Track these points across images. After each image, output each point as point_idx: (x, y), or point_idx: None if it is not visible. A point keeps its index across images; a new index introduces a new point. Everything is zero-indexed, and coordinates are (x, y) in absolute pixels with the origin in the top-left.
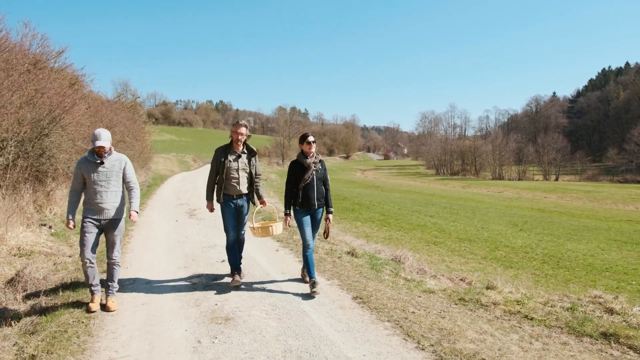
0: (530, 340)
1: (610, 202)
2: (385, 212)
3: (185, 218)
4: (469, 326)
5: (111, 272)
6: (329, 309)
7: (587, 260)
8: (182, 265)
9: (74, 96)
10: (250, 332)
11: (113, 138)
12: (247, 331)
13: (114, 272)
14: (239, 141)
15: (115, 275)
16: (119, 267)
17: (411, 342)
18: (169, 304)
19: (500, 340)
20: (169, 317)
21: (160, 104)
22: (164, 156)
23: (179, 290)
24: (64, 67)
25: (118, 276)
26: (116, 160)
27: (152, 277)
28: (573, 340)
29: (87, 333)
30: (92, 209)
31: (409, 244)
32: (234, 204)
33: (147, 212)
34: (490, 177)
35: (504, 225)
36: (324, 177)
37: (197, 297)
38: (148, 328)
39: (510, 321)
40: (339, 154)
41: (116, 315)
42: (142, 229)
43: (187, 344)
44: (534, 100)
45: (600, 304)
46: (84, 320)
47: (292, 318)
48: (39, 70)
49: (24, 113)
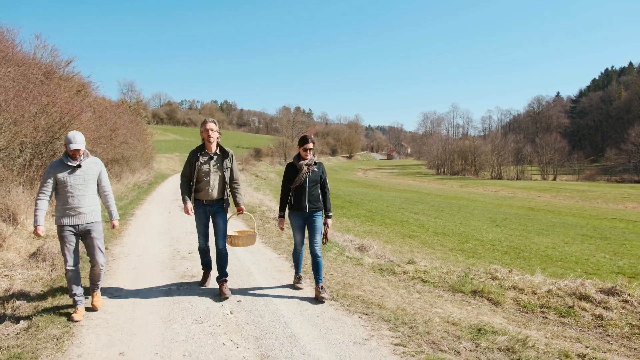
0: (413, 292)
1: (601, 201)
2: (373, 209)
3: (178, 211)
4: (370, 283)
5: (96, 275)
6: (271, 272)
7: (546, 252)
8: (167, 244)
9: (82, 104)
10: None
11: (116, 140)
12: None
13: (100, 274)
14: (210, 139)
15: (100, 276)
16: (104, 268)
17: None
18: (153, 269)
19: (387, 291)
20: (152, 275)
21: (165, 104)
22: (167, 156)
23: (162, 260)
24: (72, 76)
25: (102, 277)
26: (92, 163)
27: (143, 252)
28: (447, 294)
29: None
30: (68, 215)
31: (385, 236)
32: (205, 210)
33: (145, 205)
34: (489, 176)
35: (482, 222)
36: (319, 180)
37: (173, 264)
38: (136, 280)
39: (407, 282)
40: (342, 154)
41: (116, 273)
42: (139, 218)
43: (161, 290)
44: (536, 101)
45: (490, 274)
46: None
47: (243, 280)
48: (50, 80)
49: (39, 121)
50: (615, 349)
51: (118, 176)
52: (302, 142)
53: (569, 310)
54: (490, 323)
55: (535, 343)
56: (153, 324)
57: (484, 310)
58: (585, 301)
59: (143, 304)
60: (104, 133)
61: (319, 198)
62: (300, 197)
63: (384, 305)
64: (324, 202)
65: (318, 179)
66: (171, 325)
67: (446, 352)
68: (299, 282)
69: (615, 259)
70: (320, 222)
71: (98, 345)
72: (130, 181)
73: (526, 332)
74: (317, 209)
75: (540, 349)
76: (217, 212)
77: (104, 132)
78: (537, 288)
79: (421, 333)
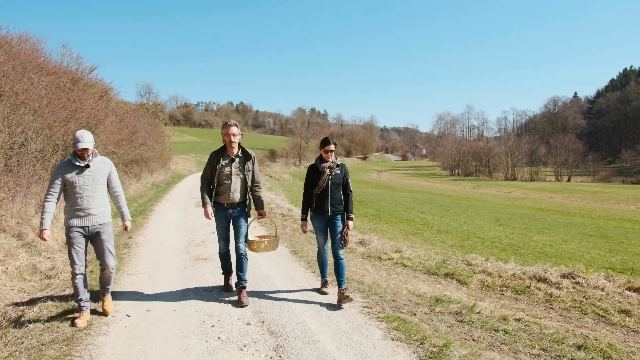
0: (392, 274)
1: (613, 202)
2: (381, 208)
3: (193, 207)
4: (355, 266)
5: (106, 278)
6: (270, 257)
7: (543, 249)
8: (183, 235)
9: (106, 110)
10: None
11: (136, 142)
12: (214, 265)
13: (110, 277)
14: (232, 143)
15: (110, 279)
16: (114, 272)
17: (310, 271)
18: (171, 253)
19: (368, 272)
20: (169, 259)
21: (182, 105)
22: (184, 157)
23: (179, 247)
24: (96, 82)
25: (113, 280)
26: (101, 163)
27: (163, 241)
28: (423, 275)
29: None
30: (77, 216)
31: (390, 234)
32: (225, 214)
33: (163, 203)
34: (503, 178)
35: (486, 221)
36: (342, 183)
37: (189, 250)
38: (157, 262)
39: (389, 266)
40: (356, 155)
41: (140, 257)
42: (159, 214)
43: (178, 268)
44: (552, 101)
45: (467, 261)
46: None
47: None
48: (76, 86)
49: (70, 125)
50: (551, 317)
51: (137, 176)
52: (323, 143)
53: (525, 289)
54: (450, 296)
55: (482, 310)
56: (172, 291)
57: (450, 288)
58: (542, 283)
59: (163, 278)
60: (125, 135)
61: (341, 201)
62: (323, 201)
63: (362, 281)
64: (346, 204)
65: (340, 181)
66: (186, 293)
67: (404, 314)
68: (325, 287)
69: (609, 256)
70: (342, 225)
71: (128, 305)
72: (148, 181)
73: (477, 302)
74: (339, 212)
75: (484, 314)
76: (239, 216)
77: (125, 134)
78: (504, 272)
79: (388, 301)
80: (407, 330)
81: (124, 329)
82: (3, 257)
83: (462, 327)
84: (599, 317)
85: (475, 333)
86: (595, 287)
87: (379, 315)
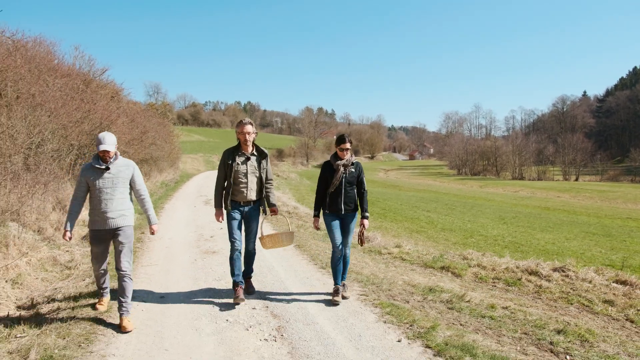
0: (390, 266)
1: (620, 201)
2: (387, 207)
3: (202, 205)
4: (355, 259)
5: (122, 286)
6: (276, 251)
7: (545, 247)
8: (193, 230)
9: (118, 111)
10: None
11: (146, 142)
12: (222, 258)
13: (125, 286)
14: (247, 141)
15: (127, 289)
16: (130, 280)
17: (312, 263)
18: (181, 247)
19: (368, 264)
20: (180, 253)
21: (190, 105)
22: (192, 156)
23: (189, 241)
24: (107, 83)
25: (131, 290)
26: (123, 165)
27: (173, 236)
28: (420, 268)
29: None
30: (97, 220)
31: (394, 231)
32: (241, 211)
33: (173, 201)
34: (511, 177)
35: (491, 219)
36: (356, 181)
37: (199, 244)
38: (169, 255)
39: (388, 260)
40: (364, 154)
41: (152, 250)
42: (169, 211)
43: (188, 261)
44: (560, 100)
45: (463, 256)
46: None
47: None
48: (89, 87)
49: (84, 126)
50: (537, 306)
51: (147, 175)
52: (339, 141)
53: (516, 281)
54: (443, 286)
55: (472, 299)
56: (183, 280)
57: (444, 279)
58: (534, 275)
59: (175, 269)
60: (135, 135)
61: (355, 199)
62: (336, 199)
63: (361, 272)
64: (361, 203)
65: (354, 180)
66: (196, 282)
67: (398, 301)
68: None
69: (610, 253)
70: (354, 224)
71: (143, 292)
72: (158, 180)
73: (468, 292)
74: (353, 210)
75: (473, 302)
76: (252, 215)
77: (136, 134)
78: (498, 266)
79: (384, 289)
80: (399, 315)
81: (141, 312)
82: (26, 250)
83: (451, 313)
84: (583, 307)
85: (463, 319)
86: (583, 280)
87: (374, 302)
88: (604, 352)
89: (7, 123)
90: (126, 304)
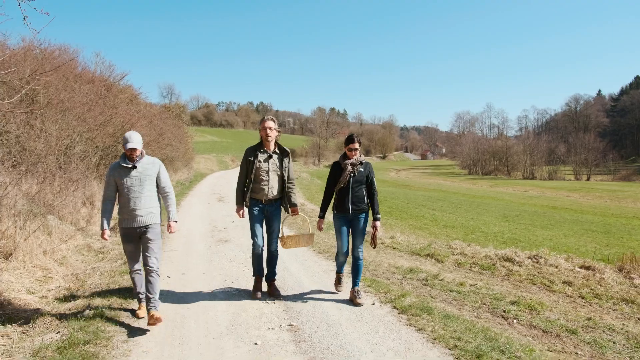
0: (380, 253)
1: (630, 200)
2: (394, 205)
3: (215, 202)
4: None
5: (151, 282)
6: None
7: (542, 243)
8: (207, 223)
9: (138, 114)
10: (237, 246)
11: (162, 142)
12: (234, 245)
13: (153, 282)
14: (268, 137)
15: (155, 285)
16: (158, 277)
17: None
18: (197, 237)
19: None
20: (197, 241)
21: (203, 106)
22: (205, 156)
23: (204, 232)
24: (126, 87)
25: (159, 287)
26: (149, 163)
27: (190, 228)
28: (407, 255)
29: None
30: (126, 218)
31: (398, 228)
32: (261, 210)
33: (188, 198)
34: (522, 177)
35: (494, 217)
36: (365, 181)
37: (213, 234)
38: (187, 243)
39: (380, 248)
40: (375, 154)
41: (172, 239)
42: (185, 207)
43: (204, 247)
44: (574, 100)
45: (449, 245)
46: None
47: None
48: (110, 92)
49: (107, 129)
50: (503, 284)
51: None
52: (348, 141)
53: (491, 266)
54: (422, 268)
55: (445, 277)
56: (200, 263)
57: (426, 264)
58: (508, 262)
59: (193, 253)
60: (153, 137)
61: (364, 199)
62: (343, 198)
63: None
64: (371, 204)
65: (363, 179)
66: (211, 263)
67: (381, 279)
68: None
69: (605, 249)
70: (364, 225)
71: (167, 270)
72: (173, 179)
73: (442, 273)
74: (362, 211)
75: (446, 280)
76: (274, 214)
77: (153, 136)
78: (478, 254)
79: (370, 270)
80: (378, 287)
81: (166, 285)
82: (66, 238)
83: (424, 288)
84: (544, 286)
85: (433, 292)
86: (551, 265)
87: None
88: (547, 318)
89: (42, 127)
90: (154, 300)
